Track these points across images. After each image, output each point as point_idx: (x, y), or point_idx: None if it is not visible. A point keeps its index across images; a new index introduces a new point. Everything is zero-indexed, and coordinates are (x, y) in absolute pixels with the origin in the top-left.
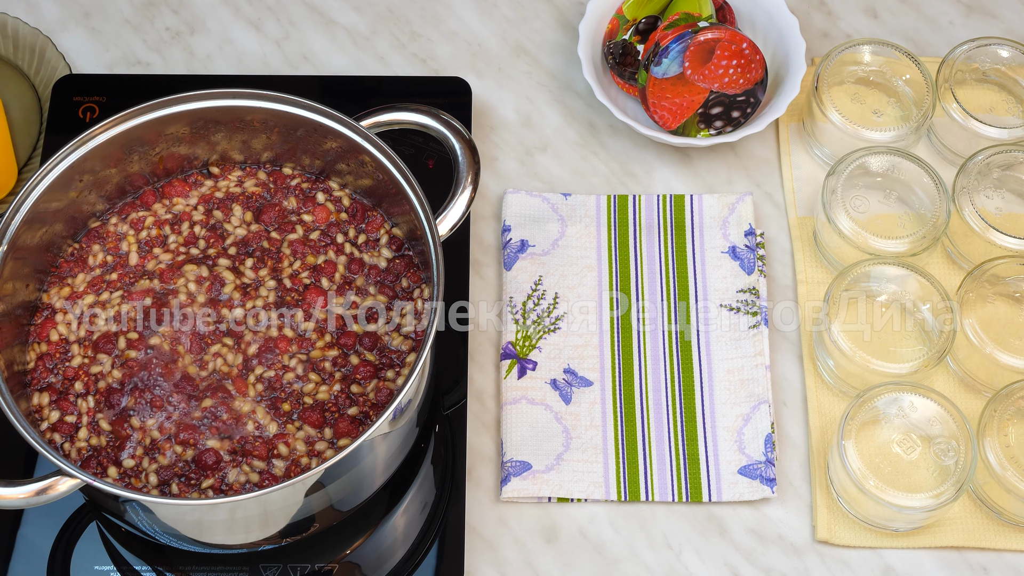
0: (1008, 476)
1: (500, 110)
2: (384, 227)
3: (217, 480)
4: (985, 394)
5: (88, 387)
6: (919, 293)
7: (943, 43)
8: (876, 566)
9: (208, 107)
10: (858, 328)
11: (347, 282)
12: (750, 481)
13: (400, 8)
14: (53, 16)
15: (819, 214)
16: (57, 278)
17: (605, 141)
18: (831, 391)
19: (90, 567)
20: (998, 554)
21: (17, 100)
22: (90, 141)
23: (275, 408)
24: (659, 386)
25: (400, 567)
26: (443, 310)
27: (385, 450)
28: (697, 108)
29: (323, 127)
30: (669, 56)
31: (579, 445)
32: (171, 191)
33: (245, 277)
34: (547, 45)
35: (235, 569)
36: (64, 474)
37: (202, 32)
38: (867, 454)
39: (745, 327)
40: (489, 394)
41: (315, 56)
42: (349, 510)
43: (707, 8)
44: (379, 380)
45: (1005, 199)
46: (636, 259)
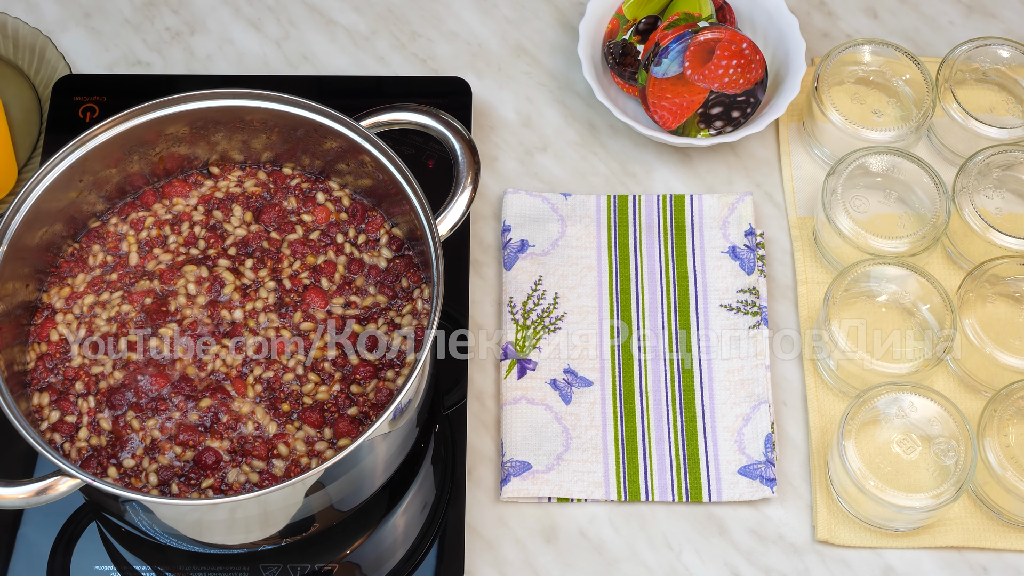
0: (1008, 476)
1: (500, 110)
2: (384, 227)
3: (217, 480)
4: (985, 394)
5: (89, 387)
6: (919, 293)
7: (943, 43)
8: (876, 566)
9: (208, 107)
10: (858, 328)
11: (347, 282)
12: (750, 481)
13: (400, 8)
14: (53, 16)
15: (819, 214)
16: (57, 278)
17: (605, 141)
18: (831, 391)
19: (90, 567)
20: (998, 554)
21: (17, 100)
22: (90, 141)
23: (274, 408)
24: (659, 386)
25: (400, 567)
26: (442, 310)
27: (385, 450)
28: (697, 108)
29: (323, 127)
30: (669, 56)
31: (579, 445)
32: (171, 191)
33: (245, 278)
34: (547, 45)
35: (235, 569)
36: (64, 474)
37: (202, 32)
38: (867, 454)
39: (745, 327)
40: (489, 394)
41: (315, 56)
42: (349, 510)
43: (707, 8)
44: (379, 380)
45: (1005, 199)
46: (636, 259)
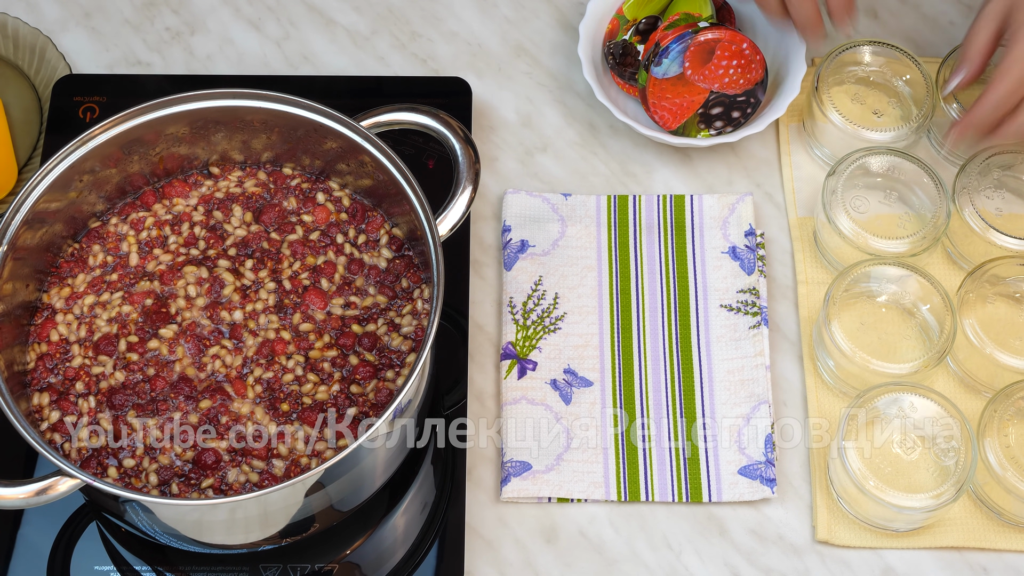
0: (1008, 476)
1: (500, 110)
2: (384, 227)
3: (217, 480)
4: (985, 394)
5: (89, 387)
6: (919, 293)
7: (943, 43)
8: (876, 566)
9: (208, 107)
10: (858, 328)
11: (347, 282)
12: (750, 481)
13: (400, 8)
14: (53, 16)
15: (819, 214)
16: (57, 278)
17: (605, 141)
18: (831, 391)
19: (90, 567)
20: (998, 554)
21: (17, 100)
22: (90, 141)
23: (274, 408)
24: (659, 386)
25: (400, 567)
26: (442, 310)
27: (385, 450)
28: (697, 108)
29: (323, 127)
30: (669, 56)
31: (579, 445)
32: (171, 191)
33: (245, 279)
34: (547, 45)
35: (235, 569)
36: (64, 474)
37: (202, 32)
38: (867, 454)
39: (745, 327)
40: (489, 394)
41: (315, 56)
42: (349, 510)
43: (707, 8)
44: (379, 380)
45: (1005, 199)
46: (636, 259)
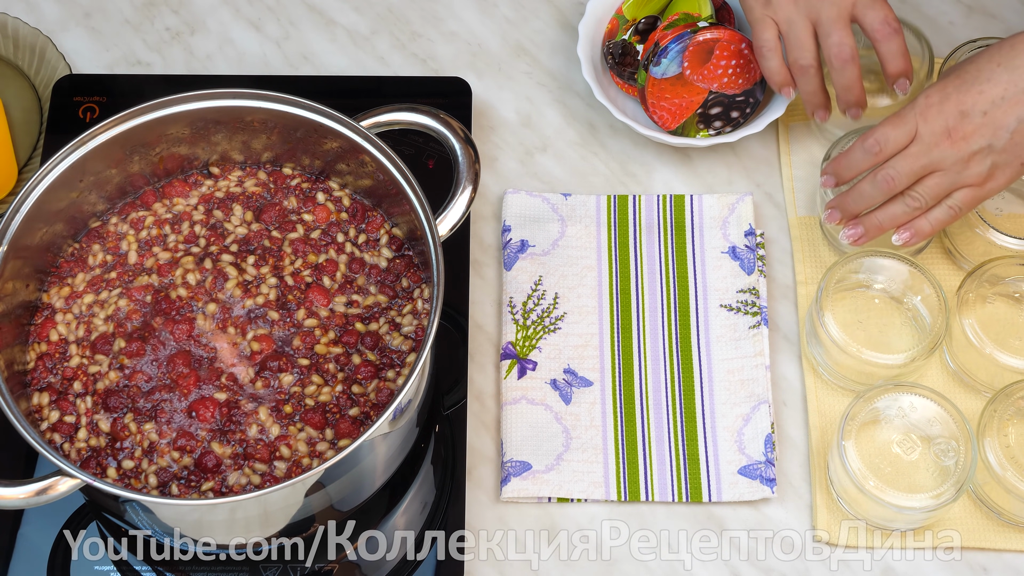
0: (1008, 476)
1: (500, 110)
2: (384, 227)
3: (217, 483)
4: (985, 394)
5: (87, 387)
6: (910, 283)
7: (943, 43)
8: (876, 566)
9: (208, 107)
10: (851, 319)
11: (348, 281)
12: (750, 481)
13: (400, 8)
14: (53, 16)
15: (819, 214)
16: (57, 278)
17: (605, 141)
18: (831, 391)
19: (90, 567)
20: (998, 554)
21: (17, 100)
22: (90, 141)
23: (277, 410)
24: (659, 386)
25: (400, 567)
26: (442, 310)
27: (385, 450)
28: (696, 108)
29: (323, 127)
30: (668, 56)
31: (579, 445)
32: (171, 191)
33: (247, 274)
34: (547, 45)
35: (235, 569)
36: (64, 474)
37: (202, 32)
38: (867, 454)
39: (745, 327)
40: (489, 394)
41: (315, 56)
42: (349, 510)
43: (707, 8)
44: (380, 380)
45: (1005, 199)
46: (636, 259)
